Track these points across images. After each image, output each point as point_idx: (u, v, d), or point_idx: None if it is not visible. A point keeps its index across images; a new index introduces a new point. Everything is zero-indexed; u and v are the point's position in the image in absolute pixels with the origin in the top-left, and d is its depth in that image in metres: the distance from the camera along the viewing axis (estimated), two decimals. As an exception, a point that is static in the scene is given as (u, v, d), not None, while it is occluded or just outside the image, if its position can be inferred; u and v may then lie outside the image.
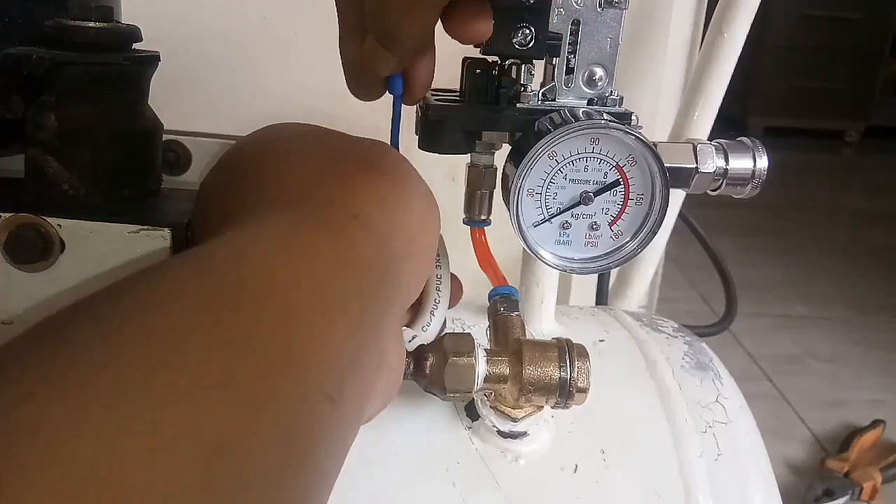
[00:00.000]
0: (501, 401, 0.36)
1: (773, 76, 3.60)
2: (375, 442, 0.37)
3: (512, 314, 0.36)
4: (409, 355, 0.33)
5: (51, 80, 0.31)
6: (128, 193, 0.33)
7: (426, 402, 0.38)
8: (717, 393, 0.42)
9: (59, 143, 0.31)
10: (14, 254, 0.29)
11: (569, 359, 0.33)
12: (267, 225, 0.26)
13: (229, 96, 0.33)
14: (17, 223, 0.30)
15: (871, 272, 2.20)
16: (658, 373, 0.42)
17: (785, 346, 1.77)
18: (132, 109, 0.33)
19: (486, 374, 0.33)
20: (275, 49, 0.61)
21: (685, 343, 0.46)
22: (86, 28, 0.31)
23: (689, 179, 0.35)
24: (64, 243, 0.30)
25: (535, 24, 0.32)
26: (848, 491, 1.24)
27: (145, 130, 0.34)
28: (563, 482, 0.37)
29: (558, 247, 0.34)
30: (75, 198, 0.32)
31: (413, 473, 0.36)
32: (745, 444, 0.40)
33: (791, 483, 1.29)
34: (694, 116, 0.58)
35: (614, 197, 0.34)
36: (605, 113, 0.33)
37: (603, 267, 0.35)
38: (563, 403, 0.33)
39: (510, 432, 0.37)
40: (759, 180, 0.35)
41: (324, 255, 0.25)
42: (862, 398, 1.57)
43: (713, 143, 0.36)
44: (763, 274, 2.08)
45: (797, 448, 1.41)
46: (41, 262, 0.30)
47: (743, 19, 0.55)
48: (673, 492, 0.37)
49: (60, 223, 0.30)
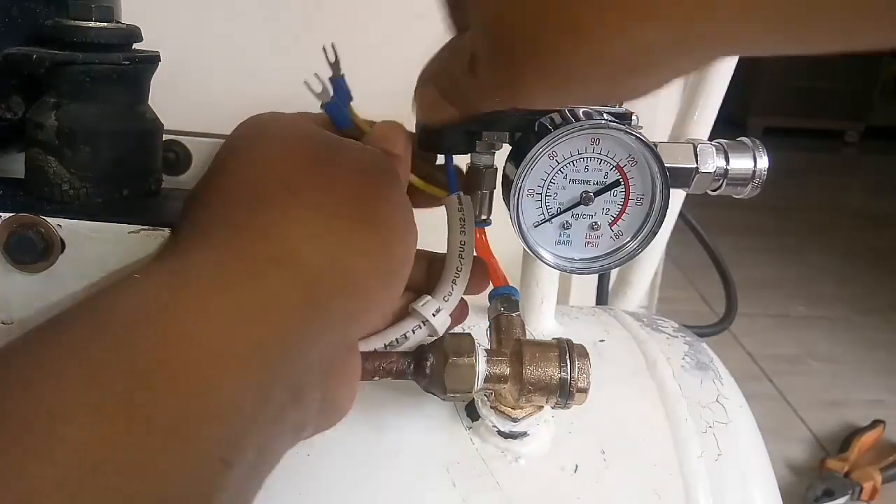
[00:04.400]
0: (502, 401, 0.36)
1: (773, 76, 3.60)
2: (375, 442, 0.37)
3: (512, 314, 0.36)
4: (410, 355, 0.33)
5: (51, 80, 0.31)
6: (128, 193, 0.33)
7: (426, 402, 0.38)
8: (718, 393, 0.42)
9: (59, 143, 0.31)
10: (14, 254, 0.29)
11: (569, 359, 0.33)
12: (180, 265, 0.25)
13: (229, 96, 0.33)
14: (17, 223, 0.30)
15: (871, 272, 2.20)
16: (658, 373, 0.42)
17: (785, 346, 1.77)
18: (132, 109, 0.33)
19: (486, 374, 0.33)
20: (275, 49, 0.61)
21: (685, 343, 0.46)
22: (86, 28, 0.31)
23: (689, 179, 0.35)
24: (64, 243, 0.30)
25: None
26: (848, 491, 1.24)
27: (145, 130, 0.34)
28: (563, 482, 0.37)
29: (558, 247, 0.34)
30: (75, 198, 0.32)
31: (413, 473, 0.36)
32: (745, 444, 0.40)
33: (791, 483, 1.29)
34: (694, 116, 0.58)
35: (614, 197, 0.34)
36: (605, 113, 0.33)
37: (603, 267, 0.35)
38: (563, 403, 0.33)
39: (510, 432, 0.37)
40: (759, 180, 0.35)
41: (225, 306, 0.24)
42: (862, 398, 1.57)
43: (713, 143, 0.36)
44: (763, 274, 2.08)
45: (797, 448, 1.41)
46: (41, 263, 0.30)
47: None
48: (673, 492, 0.37)
49: (60, 223, 0.30)
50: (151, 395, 0.21)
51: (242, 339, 0.23)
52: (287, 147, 0.30)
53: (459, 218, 0.35)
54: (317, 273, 0.26)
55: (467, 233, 0.35)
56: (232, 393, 0.22)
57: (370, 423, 0.37)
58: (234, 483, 0.22)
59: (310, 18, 0.61)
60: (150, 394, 0.21)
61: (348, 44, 0.34)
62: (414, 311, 0.34)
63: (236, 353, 0.23)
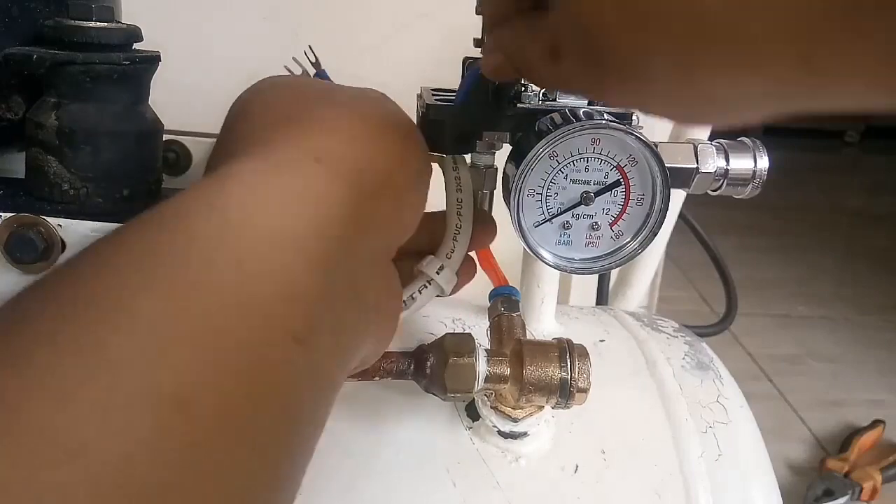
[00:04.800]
0: (502, 401, 0.36)
1: (772, 76, 3.59)
2: (375, 442, 0.37)
3: (512, 314, 0.36)
4: (410, 355, 0.33)
5: (51, 79, 0.31)
6: (128, 193, 0.33)
7: (426, 402, 0.38)
8: (718, 393, 0.42)
9: (59, 143, 0.31)
10: (14, 253, 0.30)
11: (569, 359, 0.33)
12: (225, 172, 0.26)
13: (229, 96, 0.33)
14: (18, 223, 0.30)
15: (871, 272, 2.20)
16: (658, 373, 0.42)
17: (785, 345, 1.77)
18: (132, 109, 0.33)
19: (486, 374, 0.33)
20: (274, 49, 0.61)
21: (685, 343, 0.46)
22: (86, 28, 0.31)
23: (689, 179, 0.35)
24: (64, 243, 0.30)
25: (536, 24, 0.32)
26: (848, 491, 1.24)
27: (145, 130, 0.34)
28: (563, 482, 0.37)
29: (559, 247, 0.34)
30: (76, 198, 0.32)
31: (413, 473, 0.36)
32: (745, 444, 0.40)
33: (791, 483, 1.29)
34: (694, 116, 0.58)
35: (615, 197, 0.34)
36: (605, 113, 0.33)
37: (603, 267, 0.35)
38: (563, 404, 0.33)
39: (510, 432, 0.37)
40: (759, 180, 0.35)
41: (278, 196, 0.25)
42: (862, 398, 1.57)
43: (713, 143, 0.36)
44: (763, 274, 2.08)
45: (797, 448, 1.41)
46: (41, 262, 0.30)
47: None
48: (673, 492, 0.37)
49: (60, 223, 0.30)
50: (215, 275, 0.21)
51: (297, 222, 0.24)
52: (301, 83, 0.32)
53: (454, 177, 0.35)
54: (356, 169, 0.27)
55: (464, 190, 0.35)
56: (294, 272, 0.23)
57: (370, 423, 0.37)
58: (308, 366, 0.22)
59: (309, 18, 0.61)
60: (214, 274, 0.21)
61: (349, 44, 0.34)
62: (419, 272, 0.34)
63: (294, 235, 0.24)
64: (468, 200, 0.35)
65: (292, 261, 0.23)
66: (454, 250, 0.34)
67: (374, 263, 0.28)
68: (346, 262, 0.25)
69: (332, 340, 0.24)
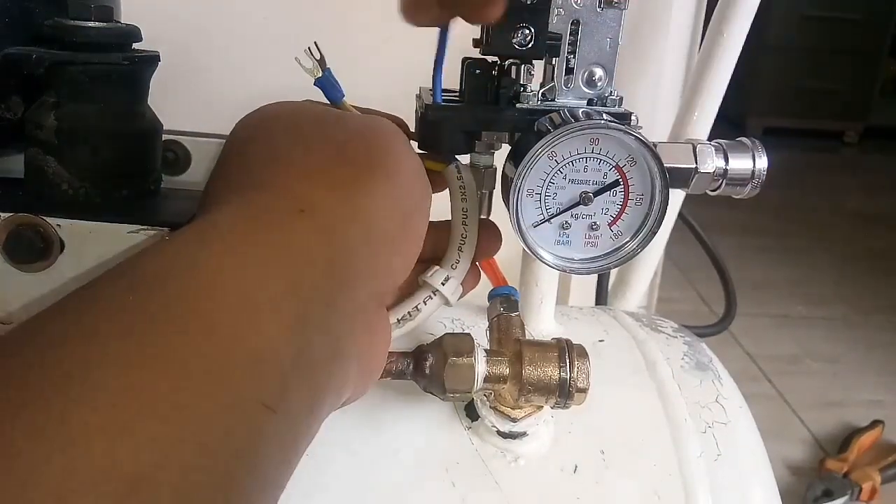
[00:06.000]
0: (501, 401, 0.36)
1: (773, 76, 3.60)
2: (375, 442, 0.37)
3: (512, 314, 0.36)
4: (409, 355, 0.33)
5: (50, 79, 0.31)
6: (128, 193, 0.33)
7: (426, 402, 0.38)
8: (717, 393, 0.42)
9: (58, 143, 0.31)
10: (13, 254, 0.30)
11: (569, 359, 0.33)
12: (211, 222, 0.26)
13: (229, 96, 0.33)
14: (17, 223, 0.30)
15: (871, 272, 2.20)
16: (658, 373, 0.42)
17: (785, 346, 1.77)
18: (132, 109, 0.33)
19: (485, 374, 0.33)
20: (275, 49, 0.61)
21: (685, 343, 0.46)
22: (86, 28, 0.31)
23: (688, 179, 0.35)
24: (63, 243, 0.30)
25: (535, 24, 0.32)
26: (847, 491, 1.24)
27: (145, 130, 0.34)
28: (562, 482, 0.37)
29: (558, 247, 0.34)
30: (75, 198, 0.32)
31: (413, 473, 0.36)
32: (744, 444, 0.40)
33: (791, 483, 1.29)
34: (694, 116, 0.58)
35: (614, 197, 0.34)
36: (604, 113, 0.33)
37: (603, 267, 0.35)
38: (562, 404, 0.33)
39: (510, 432, 0.37)
40: (758, 180, 0.35)
41: (256, 254, 0.24)
42: (861, 398, 1.57)
43: (713, 143, 0.36)
44: (763, 274, 2.08)
45: (797, 448, 1.41)
46: (40, 262, 0.30)
47: (743, 19, 0.55)
48: (673, 492, 0.37)
49: (60, 223, 0.30)
50: (186, 341, 0.21)
51: (274, 285, 0.24)
52: (297, 117, 0.32)
53: (459, 186, 0.35)
54: (339, 219, 0.27)
55: (469, 199, 0.35)
56: (268, 337, 0.23)
57: (370, 423, 0.37)
58: (278, 430, 0.22)
59: (310, 18, 0.61)
60: (186, 340, 0.21)
61: (349, 44, 0.34)
62: (423, 283, 0.34)
63: (269, 299, 0.23)
64: (474, 210, 0.35)
65: (267, 325, 0.23)
66: (459, 261, 0.34)
67: (359, 313, 0.28)
68: (326, 318, 0.25)
69: (307, 398, 0.24)
